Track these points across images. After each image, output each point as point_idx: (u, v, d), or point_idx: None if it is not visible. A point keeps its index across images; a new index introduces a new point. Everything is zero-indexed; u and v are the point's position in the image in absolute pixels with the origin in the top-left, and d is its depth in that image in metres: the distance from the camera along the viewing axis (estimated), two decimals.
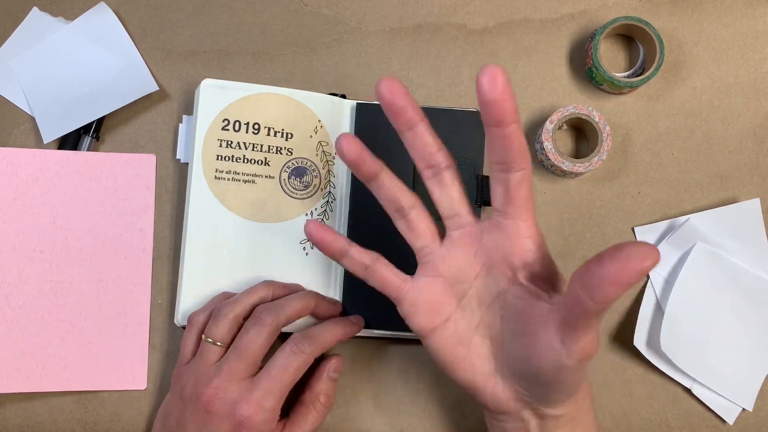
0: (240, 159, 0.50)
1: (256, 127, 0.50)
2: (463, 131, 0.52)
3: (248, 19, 0.56)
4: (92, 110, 0.53)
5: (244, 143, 0.50)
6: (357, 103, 0.53)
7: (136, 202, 0.53)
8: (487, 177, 0.52)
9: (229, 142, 0.50)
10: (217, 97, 0.50)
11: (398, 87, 0.38)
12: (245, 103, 0.50)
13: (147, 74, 0.54)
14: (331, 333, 0.47)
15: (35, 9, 0.55)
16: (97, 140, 0.54)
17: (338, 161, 0.53)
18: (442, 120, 0.52)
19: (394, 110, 0.39)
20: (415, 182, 0.52)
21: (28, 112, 0.54)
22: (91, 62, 0.54)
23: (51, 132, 0.53)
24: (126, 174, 0.53)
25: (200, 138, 0.50)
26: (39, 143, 0.54)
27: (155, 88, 0.54)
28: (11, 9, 0.55)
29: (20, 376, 0.50)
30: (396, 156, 0.52)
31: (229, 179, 0.50)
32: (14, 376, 0.50)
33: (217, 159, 0.50)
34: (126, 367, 0.52)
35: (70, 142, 0.53)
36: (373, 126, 0.52)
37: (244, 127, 0.50)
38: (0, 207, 0.52)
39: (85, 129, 0.53)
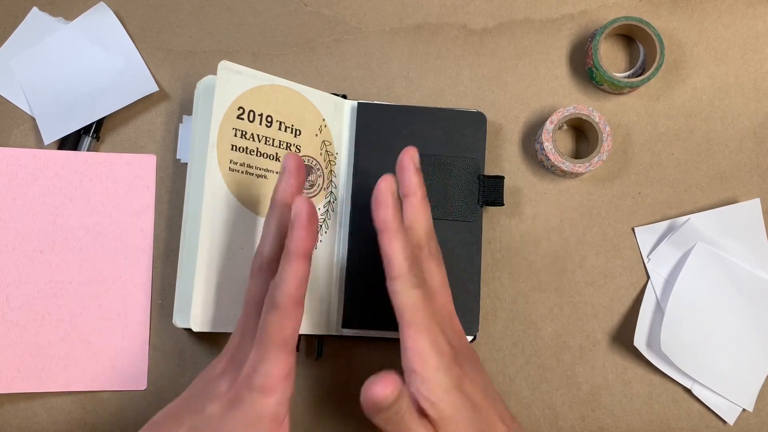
0: (254, 152, 0.49)
1: (269, 119, 0.49)
2: (463, 131, 0.52)
3: (248, 19, 0.56)
4: (92, 111, 0.53)
5: (258, 135, 0.49)
6: (358, 103, 0.53)
7: (136, 202, 0.53)
8: (489, 177, 0.52)
9: (244, 133, 0.48)
10: (233, 82, 0.48)
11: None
12: (259, 92, 0.49)
13: (147, 75, 0.54)
14: (288, 270, 0.37)
15: (35, 9, 0.55)
16: (97, 140, 0.54)
17: (340, 161, 0.53)
18: (442, 120, 0.52)
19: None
20: None
21: (28, 113, 0.54)
22: (91, 62, 0.54)
23: (51, 133, 0.53)
24: (126, 174, 0.53)
25: (216, 125, 0.47)
26: (39, 143, 0.54)
27: (155, 88, 0.54)
28: (11, 9, 0.55)
29: (20, 376, 0.50)
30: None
31: (243, 172, 0.48)
32: (14, 376, 0.50)
33: (232, 149, 0.48)
34: (126, 367, 0.52)
35: (70, 142, 0.53)
36: (374, 126, 0.52)
37: (258, 118, 0.49)
38: (0, 207, 0.52)
39: (85, 129, 0.53)
